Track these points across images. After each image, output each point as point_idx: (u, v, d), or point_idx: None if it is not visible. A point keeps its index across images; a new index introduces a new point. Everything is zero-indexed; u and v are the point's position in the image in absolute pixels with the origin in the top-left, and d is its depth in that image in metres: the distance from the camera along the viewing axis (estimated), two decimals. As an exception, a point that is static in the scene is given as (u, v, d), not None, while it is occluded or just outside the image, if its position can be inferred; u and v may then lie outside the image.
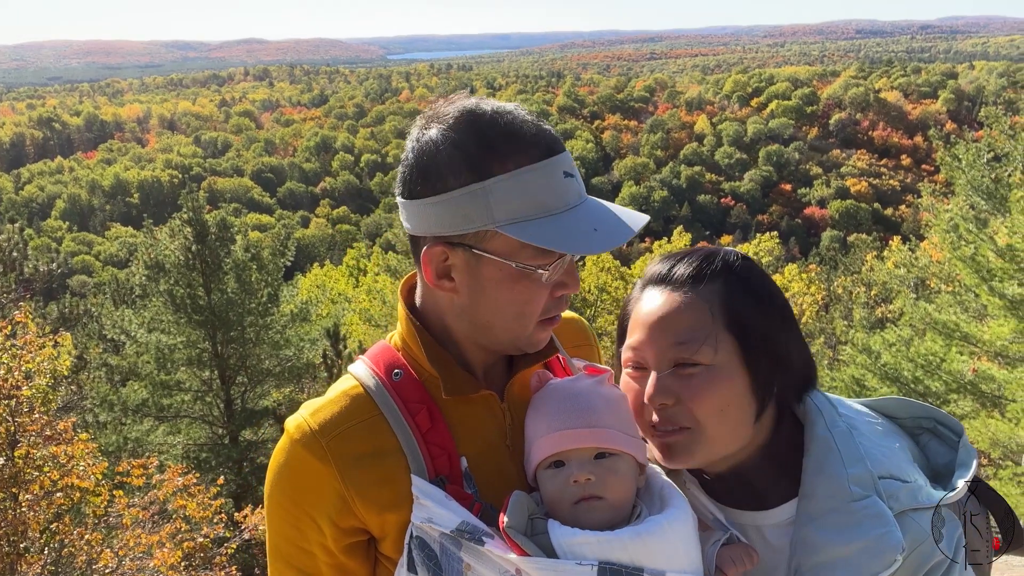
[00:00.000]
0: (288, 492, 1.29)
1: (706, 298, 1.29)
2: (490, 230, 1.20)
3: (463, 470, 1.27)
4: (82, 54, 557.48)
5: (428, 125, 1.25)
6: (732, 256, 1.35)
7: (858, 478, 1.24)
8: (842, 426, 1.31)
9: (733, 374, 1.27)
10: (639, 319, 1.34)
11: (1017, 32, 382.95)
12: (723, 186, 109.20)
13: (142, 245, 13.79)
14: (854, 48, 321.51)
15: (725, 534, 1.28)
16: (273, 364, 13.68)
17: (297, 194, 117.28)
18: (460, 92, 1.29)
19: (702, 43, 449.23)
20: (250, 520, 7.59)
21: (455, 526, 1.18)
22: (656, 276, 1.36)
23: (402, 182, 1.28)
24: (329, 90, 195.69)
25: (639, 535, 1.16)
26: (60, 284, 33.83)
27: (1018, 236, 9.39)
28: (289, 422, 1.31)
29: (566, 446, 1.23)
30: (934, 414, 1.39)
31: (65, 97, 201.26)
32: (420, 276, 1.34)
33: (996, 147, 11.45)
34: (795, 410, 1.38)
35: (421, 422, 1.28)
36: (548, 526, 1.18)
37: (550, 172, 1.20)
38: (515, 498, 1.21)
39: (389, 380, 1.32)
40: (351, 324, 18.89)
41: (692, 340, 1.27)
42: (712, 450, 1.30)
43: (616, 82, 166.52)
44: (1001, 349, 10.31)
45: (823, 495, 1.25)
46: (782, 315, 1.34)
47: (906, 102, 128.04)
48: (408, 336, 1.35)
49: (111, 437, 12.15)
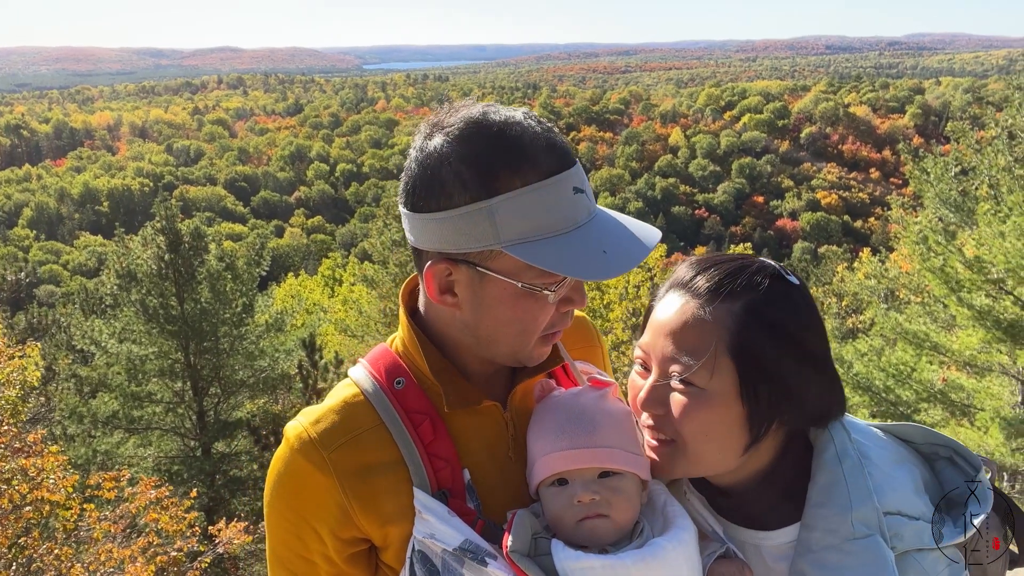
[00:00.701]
0: (289, 501, 1.26)
1: (718, 318, 1.21)
2: (496, 249, 1.15)
3: (466, 483, 1.25)
4: (52, 60, 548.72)
5: (432, 134, 1.19)
6: (760, 276, 1.23)
7: (863, 515, 1.18)
8: (853, 456, 1.24)
9: (724, 403, 1.20)
10: (653, 320, 1.29)
11: (981, 49, 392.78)
12: (697, 198, 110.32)
13: (113, 254, 13.58)
14: (824, 63, 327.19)
15: (721, 547, 1.27)
16: (247, 375, 13.50)
17: (271, 203, 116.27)
18: (466, 99, 1.24)
19: (676, 56, 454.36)
20: (224, 534, 7.46)
21: (458, 544, 1.16)
22: (680, 280, 1.29)
23: (405, 193, 1.22)
24: (304, 99, 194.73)
25: (643, 559, 1.14)
26: (27, 294, 33.14)
27: (985, 248, 9.60)
28: (289, 430, 1.28)
29: (569, 466, 1.21)
30: (953, 445, 1.32)
31: (34, 104, 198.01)
32: (422, 286, 1.30)
33: (963, 161, 11.70)
34: (807, 432, 1.32)
35: (424, 433, 1.25)
36: (552, 547, 1.17)
37: (559, 189, 1.15)
38: (518, 519, 1.20)
39: (391, 388, 1.29)
40: (327, 334, 18.74)
41: (692, 359, 1.21)
42: (693, 468, 1.26)
43: (592, 94, 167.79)
44: (970, 359, 10.50)
45: (823, 528, 1.20)
46: (800, 351, 1.22)
47: (874, 116, 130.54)
48: (411, 344, 1.32)
49: (80, 450, 11.90)
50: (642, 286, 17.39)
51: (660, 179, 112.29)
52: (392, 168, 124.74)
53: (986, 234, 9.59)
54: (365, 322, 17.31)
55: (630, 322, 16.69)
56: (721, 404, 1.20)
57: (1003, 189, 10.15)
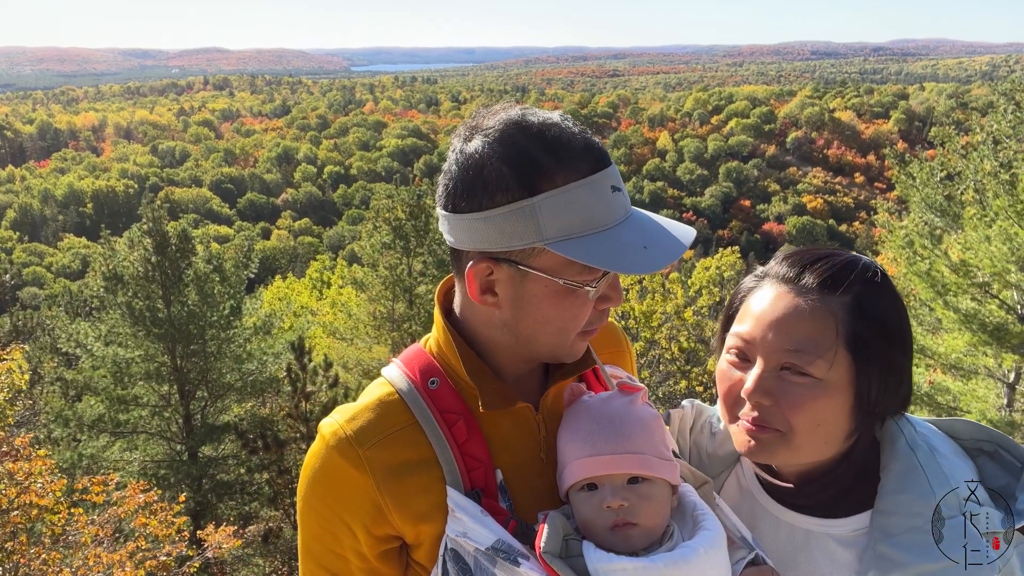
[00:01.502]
0: (323, 497, 1.28)
1: (833, 310, 1.24)
2: (538, 247, 1.16)
3: (498, 483, 1.27)
4: (35, 61, 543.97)
5: (471, 136, 1.21)
6: (870, 270, 1.28)
7: (946, 499, 1.23)
8: (924, 446, 1.29)
9: (839, 393, 1.24)
10: (756, 311, 1.30)
11: (965, 55, 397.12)
12: (685, 201, 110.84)
13: (99, 256, 13.46)
14: (809, 69, 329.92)
15: (750, 553, 1.27)
16: (235, 378, 13.43)
17: (258, 205, 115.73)
18: (504, 102, 1.26)
19: (664, 61, 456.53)
20: (213, 538, 7.40)
21: (490, 543, 1.17)
22: (782, 275, 1.31)
23: (445, 195, 1.23)
24: (291, 101, 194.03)
25: (675, 562, 1.15)
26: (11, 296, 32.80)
27: (971, 252, 9.69)
28: (324, 427, 1.29)
29: (599, 471, 1.22)
30: (996, 438, 1.36)
31: (18, 105, 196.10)
32: (460, 287, 1.32)
33: (949, 166, 11.82)
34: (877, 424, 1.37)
35: (458, 433, 1.27)
36: (583, 549, 1.18)
37: (599, 187, 1.17)
38: (551, 520, 1.20)
39: (425, 388, 1.31)
40: (315, 337, 18.65)
41: (809, 351, 1.23)
42: (795, 457, 1.29)
43: (580, 98, 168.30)
44: (956, 362, 10.60)
45: (905, 513, 1.24)
46: (904, 342, 1.29)
47: (859, 122, 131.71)
48: (446, 345, 1.33)
49: (66, 454, 11.80)
50: (631, 289, 17.45)
51: (648, 183, 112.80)
52: (380, 170, 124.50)
53: (972, 238, 9.69)
54: (354, 325, 17.24)
55: (619, 325, 16.73)
56: (835, 394, 1.24)
57: (988, 194, 10.26)
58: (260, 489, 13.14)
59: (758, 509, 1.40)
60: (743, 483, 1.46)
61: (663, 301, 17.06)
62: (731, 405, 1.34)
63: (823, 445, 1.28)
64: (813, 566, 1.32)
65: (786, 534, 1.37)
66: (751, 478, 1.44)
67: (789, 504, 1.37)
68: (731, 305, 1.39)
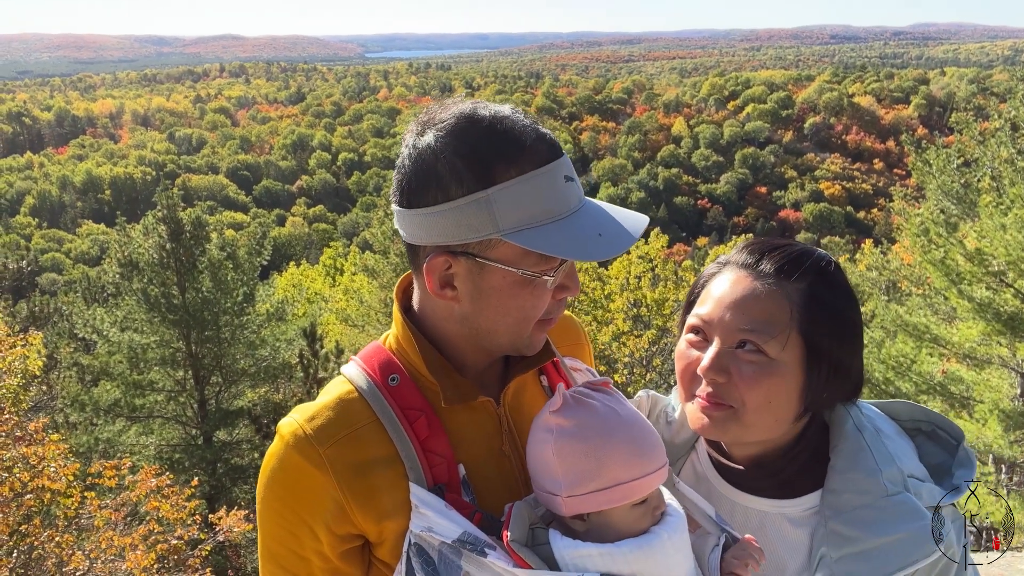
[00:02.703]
0: (283, 498, 1.26)
1: (788, 295, 1.31)
2: (495, 238, 1.17)
3: (461, 477, 1.26)
4: (53, 48, 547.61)
5: (424, 131, 1.21)
6: (824, 261, 1.36)
7: (891, 476, 1.29)
8: (869, 427, 1.36)
9: (790, 374, 1.30)
10: (716, 294, 1.36)
11: (987, 39, 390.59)
12: (700, 188, 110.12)
13: (115, 243, 13.60)
14: (828, 53, 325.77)
15: (720, 536, 1.29)
16: (248, 364, 13.55)
17: (273, 192, 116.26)
18: (455, 96, 1.26)
19: (679, 46, 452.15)
20: (225, 522, 7.51)
21: (456, 536, 1.17)
22: (741, 261, 1.38)
23: (399, 191, 1.24)
24: (306, 88, 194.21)
25: (641, 547, 1.17)
26: (29, 282, 33.22)
27: (987, 240, 9.58)
28: (283, 427, 1.28)
29: (652, 487, 1.24)
30: (934, 418, 1.44)
31: (36, 92, 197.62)
32: (418, 282, 1.32)
33: (966, 153, 11.66)
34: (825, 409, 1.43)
35: (419, 429, 1.27)
36: (550, 536, 1.19)
37: (552, 177, 1.18)
38: (516, 510, 1.22)
39: (385, 385, 1.30)
40: (328, 324, 18.78)
41: (764, 330, 1.29)
42: (746, 434, 1.34)
43: (594, 83, 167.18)
44: (969, 351, 10.51)
45: (855, 491, 1.30)
46: (853, 331, 1.35)
47: (879, 107, 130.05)
48: (405, 341, 1.33)
49: (82, 438, 11.97)
50: (643, 277, 17.36)
51: (663, 169, 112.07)
52: (394, 157, 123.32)
53: (987, 226, 9.56)
54: (366, 312, 17.33)
55: (631, 313, 16.70)
56: (787, 374, 1.30)
57: (1005, 181, 10.12)
58: (273, 474, 13.27)
59: (714, 493, 1.44)
60: (699, 469, 1.50)
61: (676, 289, 16.99)
62: (688, 383, 1.39)
63: (773, 423, 1.33)
64: (769, 547, 1.35)
65: (742, 516, 1.41)
66: (707, 463, 1.48)
67: (744, 487, 1.42)
68: (693, 291, 1.45)
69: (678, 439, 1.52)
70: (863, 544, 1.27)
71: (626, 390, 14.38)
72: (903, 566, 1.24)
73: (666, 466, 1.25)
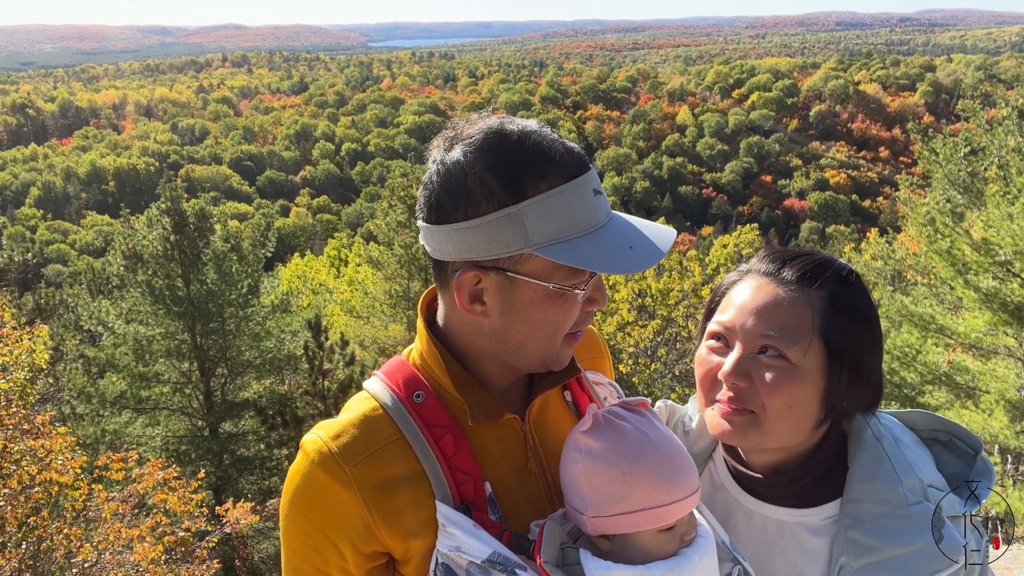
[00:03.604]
0: (308, 516, 1.25)
1: (810, 302, 1.32)
2: (526, 252, 1.17)
3: (488, 496, 1.26)
4: (56, 39, 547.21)
5: (451, 146, 1.21)
6: (844, 270, 1.37)
7: (911, 485, 1.30)
8: (888, 437, 1.37)
9: (811, 380, 1.30)
10: (737, 301, 1.37)
11: (994, 25, 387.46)
12: (704, 177, 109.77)
13: (119, 235, 13.62)
14: (834, 40, 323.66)
15: (735, 568, 1.28)
16: (253, 356, 13.59)
17: (277, 183, 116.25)
18: (482, 112, 1.27)
19: (684, 34, 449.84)
20: (232, 514, 7.55)
21: (486, 556, 1.16)
22: (762, 269, 1.39)
23: (427, 207, 1.23)
24: (309, 77, 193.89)
25: (672, 570, 1.17)
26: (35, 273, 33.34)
27: (993, 230, 9.53)
28: (307, 443, 1.27)
29: (682, 513, 1.23)
30: (951, 428, 1.44)
31: (39, 83, 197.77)
32: (444, 297, 1.31)
33: (973, 141, 11.58)
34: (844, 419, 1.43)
35: (445, 447, 1.26)
36: (581, 557, 1.18)
37: (582, 191, 1.19)
38: (548, 529, 1.21)
39: (410, 402, 1.30)
40: (333, 315, 18.80)
41: (787, 336, 1.30)
42: (766, 440, 1.34)
43: (599, 72, 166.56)
44: (975, 341, 10.47)
45: (873, 500, 1.30)
46: (874, 338, 1.36)
47: (885, 95, 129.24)
48: (430, 357, 1.32)
49: (88, 430, 12.04)
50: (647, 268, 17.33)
51: (667, 158, 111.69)
52: (398, 147, 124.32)
53: (994, 216, 9.51)
54: (370, 303, 17.33)
55: (636, 303, 16.69)
56: (807, 381, 1.30)
57: (1012, 170, 10.06)
58: (279, 464, 13.35)
59: (731, 502, 1.44)
60: (716, 478, 1.49)
61: (680, 279, 16.94)
62: (708, 388, 1.39)
63: (792, 430, 1.33)
64: (787, 557, 1.36)
65: (759, 526, 1.41)
66: (724, 472, 1.48)
67: (761, 496, 1.41)
68: (713, 298, 1.45)
69: (695, 448, 1.52)
70: (883, 553, 1.27)
71: (631, 380, 14.39)
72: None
73: (697, 493, 1.24)
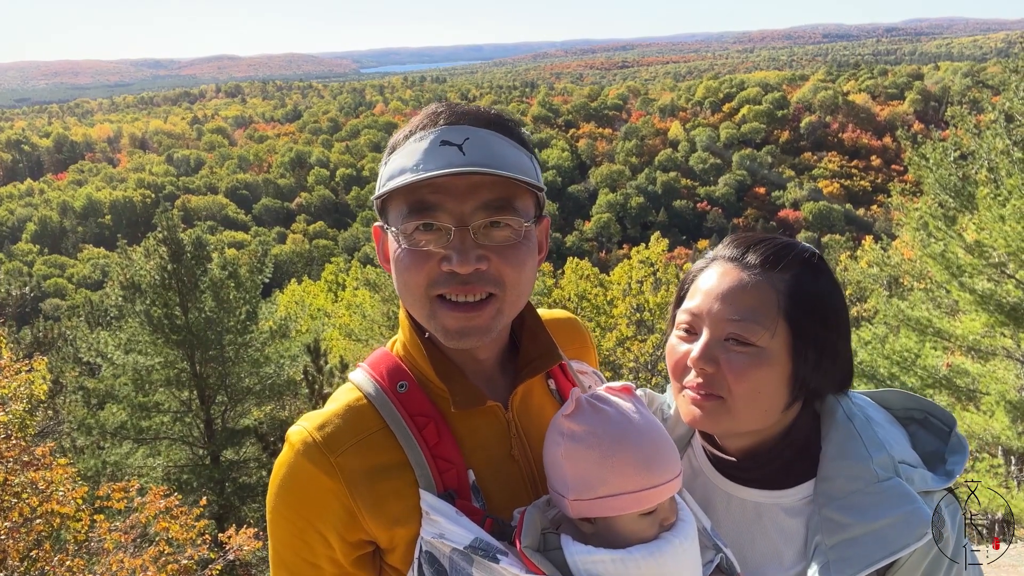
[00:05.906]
0: (294, 506, 1.25)
1: (774, 285, 1.33)
2: (383, 199, 1.26)
3: (471, 483, 1.26)
4: (49, 75, 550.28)
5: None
6: (807, 252, 1.38)
7: (881, 462, 1.31)
8: (860, 415, 1.38)
9: (778, 362, 1.32)
10: (703, 288, 1.39)
11: (979, 32, 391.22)
12: (698, 191, 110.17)
13: (116, 266, 13.63)
14: (821, 52, 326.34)
15: (717, 555, 1.29)
16: (253, 382, 13.54)
17: (273, 210, 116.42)
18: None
19: (673, 50, 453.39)
20: (234, 540, 7.50)
21: (468, 543, 1.17)
22: (727, 255, 1.41)
23: None
24: (302, 105, 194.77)
25: (652, 554, 1.17)
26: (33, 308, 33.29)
27: (986, 232, 9.57)
28: (293, 434, 1.27)
29: (663, 498, 1.23)
30: (926, 406, 1.46)
31: (34, 119, 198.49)
32: None
33: (963, 146, 11.66)
34: (816, 400, 1.44)
35: (428, 436, 1.26)
36: (562, 542, 1.19)
37: (428, 139, 1.20)
38: (528, 516, 1.22)
39: (394, 391, 1.30)
40: (331, 339, 18.78)
41: (752, 320, 1.31)
42: (736, 424, 1.35)
43: (589, 91, 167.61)
44: (973, 343, 10.48)
45: (846, 477, 1.32)
46: (838, 319, 1.37)
47: (874, 104, 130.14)
48: (413, 347, 1.33)
49: (90, 461, 11.96)
50: (645, 281, 17.37)
51: (661, 173, 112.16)
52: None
53: (986, 218, 9.56)
54: (369, 326, 17.35)
55: (634, 318, 16.69)
56: (775, 363, 1.32)
57: (1002, 172, 10.12)
58: (282, 491, 13.24)
59: (710, 487, 1.46)
60: (695, 463, 1.52)
61: (677, 292, 16.99)
62: (678, 375, 1.40)
63: (761, 413, 1.34)
64: (766, 538, 1.37)
65: (738, 509, 1.42)
66: (702, 458, 1.50)
67: (739, 479, 1.43)
68: (682, 287, 1.47)
69: (674, 435, 1.53)
70: (856, 530, 1.28)
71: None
72: (895, 550, 1.24)
73: (678, 478, 1.24)
